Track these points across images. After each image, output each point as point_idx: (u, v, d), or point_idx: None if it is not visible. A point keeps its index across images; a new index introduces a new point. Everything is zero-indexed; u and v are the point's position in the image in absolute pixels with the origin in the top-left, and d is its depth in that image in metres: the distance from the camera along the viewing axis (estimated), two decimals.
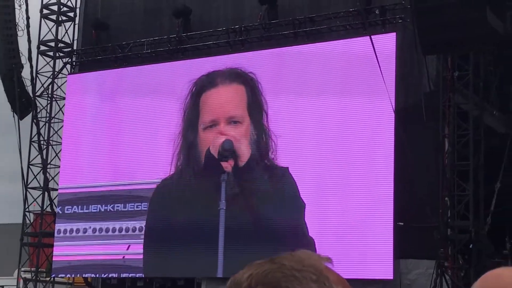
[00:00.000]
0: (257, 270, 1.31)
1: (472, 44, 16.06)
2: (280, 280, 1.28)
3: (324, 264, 1.35)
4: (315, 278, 1.30)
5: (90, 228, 21.00)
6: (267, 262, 1.32)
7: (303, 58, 18.86)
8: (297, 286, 1.27)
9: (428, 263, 16.83)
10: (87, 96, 21.93)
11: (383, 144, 17.32)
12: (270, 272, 1.29)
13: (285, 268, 1.30)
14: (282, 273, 1.29)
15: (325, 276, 1.32)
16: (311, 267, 1.31)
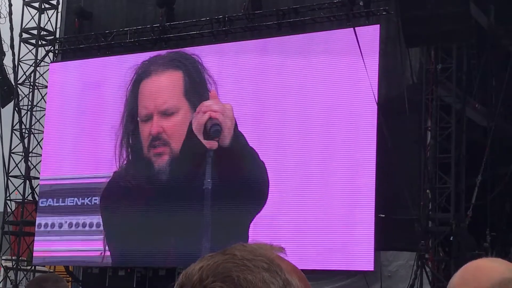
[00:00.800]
0: (208, 262, 1.30)
1: (455, 37, 16.12)
2: (231, 270, 1.27)
3: (276, 254, 1.35)
4: (266, 266, 1.29)
5: (66, 222, 20.92)
6: (218, 254, 1.32)
7: (286, 49, 18.85)
8: (248, 275, 1.26)
9: (408, 255, 16.91)
10: (69, 85, 21.81)
11: (365, 135, 17.36)
12: (222, 263, 1.28)
13: (236, 258, 1.29)
14: (233, 263, 1.28)
15: (277, 264, 1.31)
16: (262, 257, 1.30)
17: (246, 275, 1.27)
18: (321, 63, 18.28)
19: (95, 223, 20.42)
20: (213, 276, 1.27)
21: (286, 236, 17.46)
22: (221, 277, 1.27)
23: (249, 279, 1.26)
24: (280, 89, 18.64)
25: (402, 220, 16.88)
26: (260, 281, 1.27)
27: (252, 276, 1.27)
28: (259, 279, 1.27)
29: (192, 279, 1.29)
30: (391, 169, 17.05)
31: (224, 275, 1.27)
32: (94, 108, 21.09)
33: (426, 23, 15.35)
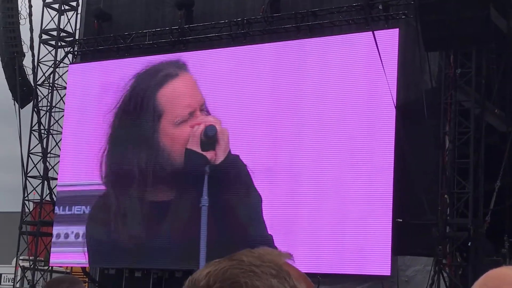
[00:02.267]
0: (215, 267, 1.29)
1: (475, 41, 16.03)
2: (239, 276, 1.26)
3: (284, 260, 1.34)
4: (275, 273, 1.28)
5: (72, 233, 20.99)
6: (226, 260, 1.30)
7: (304, 52, 18.82)
8: (256, 281, 1.25)
9: (426, 260, 16.83)
10: (88, 86, 21.91)
11: (383, 140, 17.29)
12: (229, 269, 1.27)
13: (243, 264, 1.28)
14: (241, 269, 1.27)
15: (285, 271, 1.30)
16: (270, 263, 1.29)
17: (254, 281, 1.25)
18: (339, 67, 18.23)
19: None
20: (220, 281, 1.26)
21: (303, 240, 17.44)
22: (228, 283, 1.25)
23: (256, 285, 1.25)
24: (297, 92, 18.61)
25: (420, 225, 16.80)
26: (268, 287, 1.26)
27: (260, 282, 1.26)
28: (267, 285, 1.26)
29: (199, 285, 1.28)
30: (409, 173, 16.98)
31: (232, 281, 1.25)
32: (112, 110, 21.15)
33: (446, 27, 15.27)
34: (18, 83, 22.65)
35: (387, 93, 16.75)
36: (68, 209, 21.25)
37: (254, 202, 18.34)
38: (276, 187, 18.36)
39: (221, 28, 20.62)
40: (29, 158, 22.95)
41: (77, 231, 20.91)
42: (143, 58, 21.25)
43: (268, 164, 18.50)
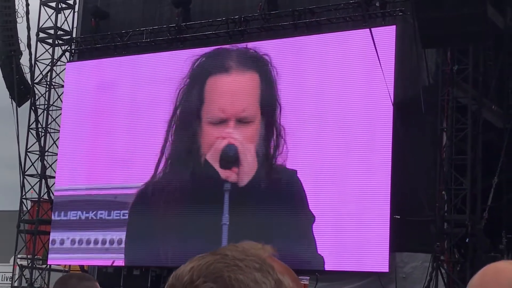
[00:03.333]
0: (199, 262, 1.29)
1: (472, 38, 16.04)
2: (223, 270, 1.26)
3: (267, 254, 1.34)
4: (258, 266, 1.28)
5: (68, 239, 20.92)
6: (209, 254, 1.31)
7: (302, 49, 18.82)
8: (239, 275, 1.25)
9: (424, 257, 16.86)
10: (85, 84, 21.90)
11: (381, 136, 17.31)
12: (213, 263, 1.27)
13: (227, 258, 1.28)
14: (225, 263, 1.27)
15: (269, 264, 1.30)
16: (254, 256, 1.29)
17: (238, 275, 1.25)
18: (336, 64, 18.24)
19: (100, 240, 20.37)
20: (204, 276, 1.26)
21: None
22: (212, 278, 1.25)
23: (240, 279, 1.25)
24: (296, 90, 18.62)
25: (418, 222, 16.82)
26: (252, 281, 1.26)
27: (244, 276, 1.26)
28: (250, 279, 1.26)
29: (182, 280, 1.27)
30: (407, 170, 17.01)
31: (216, 275, 1.25)
32: (109, 109, 21.14)
33: (443, 24, 15.28)
34: (15, 81, 22.63)
35: (385, 90, 16.77)
36: (63, 214, 21.18)
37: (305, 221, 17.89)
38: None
39: (218, 25, 20.62)
40: (26, 156, 22.93)
41: (73, 237, 20.85)
42: (141, 56, 21.27)
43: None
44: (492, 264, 1.95)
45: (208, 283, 1.25)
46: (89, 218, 20.67)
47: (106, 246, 20.22)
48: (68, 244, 20.87)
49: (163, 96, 20.24)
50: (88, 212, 20.71)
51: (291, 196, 17.94)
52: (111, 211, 20.39)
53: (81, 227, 20.74)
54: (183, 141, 19.73)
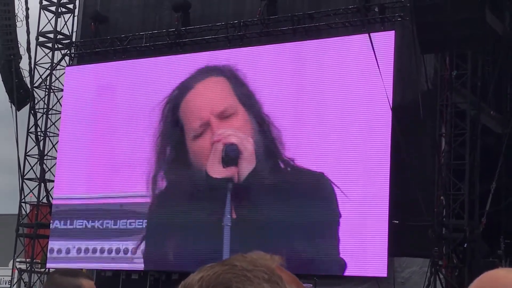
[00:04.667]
0: (208, 272, 1.29)
1: (470, 43, 16.07)
2: (232, 280, 1.26)
3: (276, 264, 1.35)
4: (267, 277, 1.28)
5: (74, 247, 20.87)
6: (218, 264, 1.31)
7: (301, 54, 18.85)
8: (248, 286, 1.26)
9: (422, 262, 16.86)
10: (85, 88, 21.92)
11: (379, 141, 17.33)
12: (221, 274, 1.28)
13: (236, 268, 1.29)
14: (233, 273, 1.28)
15: (278, 275, 1.30)
16: (263, 267, 1.30)
17: (246, 286, 1.26)
18: (335, 69, 18.27)
19: (107, 249, 20.34)
20: (213, 286, 1.26)
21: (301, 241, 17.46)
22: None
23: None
24: (295, 94, 18.64)
25: (416, 227, 16.83)
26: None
27: (252, 287, 1.26)
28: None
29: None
30: (405, 175, 17.02)
31: (224, 286, 1.26)
32: (108, 114, 21.16)
33: (441, 30, 15.30)
34: (14, 85, 22.66)
35: (383, 95, 16.79)
36: (63, 223, 21.13)
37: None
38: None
39: (218, 30, 20.65)
40: (25, 160, 22.95)
41: (79, 245, 20.80)
42: (140, 61, 21.31)
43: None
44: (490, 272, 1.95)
45: None
46: (91, 227, 20.62)
47: (112, 255, 20.18)
48: (74, 253, 20.81)
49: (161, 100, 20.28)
50: (89, 221, 20.67)
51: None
52: (115, 220, 20.34)
53: (82, 236, 20.68)
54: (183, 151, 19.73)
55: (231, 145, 18.53)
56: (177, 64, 20.54)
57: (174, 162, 19.82)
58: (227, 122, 18.93)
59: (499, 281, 1.87)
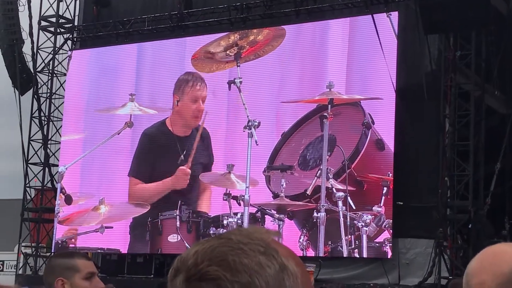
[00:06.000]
0: (203, 246, 1.30)
1: (475, 24, 16.00)
2: (227, 253, 1.27)
3: (272, 238, 1.34)
4: (262, 250, 1.29)
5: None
6: (214, 238, 1.32)
7: (304, 36, 18.81)
8: (244, 259, 1.27)
9: (426, 243, 16.88)
10: (88, 72, 21.95)
11: (383, 123, 17.31)
12: (217, 247, 1.28)
13: (231, 242, 1.29)
14: (229, 246, 1.28)
15: (273, 248, 1.31)
16: (259, 240, 1.31)
17: (242, 259, 1.27)
18: (339, 51, 18.23)
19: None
20: (208, 260, 1.27)
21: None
22: (216, 261, 1.27)
23: (245, 263, 1.27)
24: (298, 75, 18.63)
25: (420, 208, 16.84)
26: (256, 264, 1.27)
27: (248, 260, 1.27)
28: (255, 263, 1.27)
29: (187, 264, 1.29)
30: (410, 156, 17.02)
31: (220, 259, 1.27)
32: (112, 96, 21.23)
33: (445, 10, 15.25)
34: (17, 70, 22.62)
35: (387, 76, 16.75)
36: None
37: None
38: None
39: (220, 13, 20.58)
40: (29, 145, 22.96)
41: None
42: (143, 44, 21.31)
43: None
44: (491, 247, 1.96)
45: (212, 266, 1.26)
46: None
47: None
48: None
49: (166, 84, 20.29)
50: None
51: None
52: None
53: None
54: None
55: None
56: (180, 47, 20.54)
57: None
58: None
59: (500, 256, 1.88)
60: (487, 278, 1.86)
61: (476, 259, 1.93)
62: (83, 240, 20.85)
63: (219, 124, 19.47)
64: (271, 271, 1.28)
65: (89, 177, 21.25)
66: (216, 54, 19.84)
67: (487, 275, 1.86)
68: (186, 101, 19.90)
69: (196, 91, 19.78)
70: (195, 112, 19.70)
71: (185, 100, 19.90)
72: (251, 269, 1.26)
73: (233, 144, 19.10)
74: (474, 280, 1.89)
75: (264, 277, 1.27)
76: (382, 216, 16.87)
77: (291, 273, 1.31)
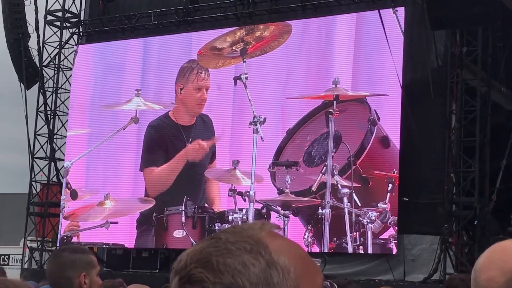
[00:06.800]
0: (196, 247, 1.32)
1: (481, 20, 15.96)
2: (212, 254, 1.28)
3: (267, 232, 1.33)
4: (249, 248, 1.28)
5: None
6: (206, 239, 1.33)
7: (310, 31, 18.79)
8: (228, 259, 1.27)
9: (432, 239, 16.86)
10: (94, 67, 21.97)
11: (389, 118, 17.29)
12: (204, 248, 1.29)
13: (220, 242, 1.30)
14: (215, 247, 1.29)
15: (263, 244, 1.29)
16: (248, 238, 1.30)
17: (226, 259, 1.27)
18: (345, 46, 18.20)
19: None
20: (196, 262, 1.29)
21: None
22: (202, 263, 1.28)
23: (228, 263, 1.27)
24: (303, 71, 18.60)
25: (426, 204, 16.82)
26: (239, 263, 1.27)
27: (232, 260, 1.27)
28: (238, 262, 1.27)
29: (180, 266, 1.31)
30: (415, 152, 17.00)
31: (205, 260, 1.28)
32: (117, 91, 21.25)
33: (451, 6, 15.21)
34: (23, 64, 22.64)
35: (393, 72, 16.73)
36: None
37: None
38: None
39: (226, 7, 20.56)
40: (35, 139, 22.99)
41: None
42: (148, 39, 21.32)
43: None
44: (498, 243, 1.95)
45: (198, 269, 1.28)
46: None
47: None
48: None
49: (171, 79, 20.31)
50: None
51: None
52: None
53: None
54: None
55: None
56: (186, 42, 20.54)
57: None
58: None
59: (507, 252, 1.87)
60: (495, 274, 1.85)
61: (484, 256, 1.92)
62: (88, 235, 20.86)
63: (225, 119, 19.46)
64: (255, 270, 1.27)
65: (94, 172, 21.28)
66: (222, 50, 19.82)
67: (495, 271, 1.85)
68: (189, 89, 19.88)
69: (200, 79, 19.77)
70: (199, 101, 19.71)
71: (189, 88, 19.89)
72: (234, 269, 1.26)
73: (238, 140, 19.09)
74: (482, 276, 1.88)
75: (247, 276, 1.26)
76: (387, 213, 16.86)
77: (281, 268, 1.29)
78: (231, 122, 19.42)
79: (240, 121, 19.07)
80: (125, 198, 20.49)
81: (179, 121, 19.86)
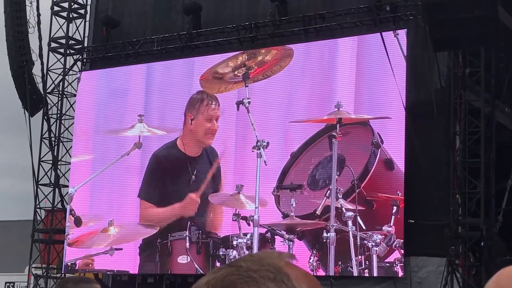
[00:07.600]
0: (215, 275, 1.29)
1: (483, 41, 15.98)
2: (236, 282, 1.26)
3: (285, 261, 1.33)
4: (272, 276, 1.27)
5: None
6: (225, 267, 1.31)
7: (312, 55, 18.84)
8: (253, 287, 1.25)
9: (438, 261, 16.77)
10: (97, 93, 22.03)
11: (393, 140, 17.27)
12: (227, 276, 1.28)
13: (241, 270, 1.28)
14: (238, 275, 1.27)
15: (284, 273, 1.29)
16: (269, 266, 1.29)
17: (251, 287, 1.26)
18: (347, 69, 18.23)
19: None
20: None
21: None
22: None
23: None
24: (306, 94, 18.62)
25: (432, 226, 16.75)
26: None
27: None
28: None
29: None
30: (420, 174, 16.94)
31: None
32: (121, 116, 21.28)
33: (454, 27, 15.23)
34: (27, 91, 22.71)
35: (397, 94, 16.73)
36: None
37: None
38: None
39: (229, 32, 20.63)
40: (40, 166, 23.00)
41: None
42: (152, 64, 21.38)
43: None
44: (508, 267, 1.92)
45: None
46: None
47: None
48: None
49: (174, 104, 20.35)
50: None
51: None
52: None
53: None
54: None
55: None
56: (188, 68, 20.60)
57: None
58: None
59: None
60: None
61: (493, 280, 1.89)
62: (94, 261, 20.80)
63: (228, 144, 19.46)
64: None
65: (98, 198, 21.26)
66: (224, 75, 19.87)
67: None
68: (201, 120, 19.89)
69: (211, 110, 19.79)
70: (208, 131, 19.70)
71: (199, 119, 19.90)
72: None
73: (242, 164, 19.08)
74: None
75: None
76: (393, 236, 16.79)
77: None
78: (235, 147, 19.42)
79: (243, 145, 19.08)
80: (129, 223, 20.44)
81: (187, 152, 19.79)
